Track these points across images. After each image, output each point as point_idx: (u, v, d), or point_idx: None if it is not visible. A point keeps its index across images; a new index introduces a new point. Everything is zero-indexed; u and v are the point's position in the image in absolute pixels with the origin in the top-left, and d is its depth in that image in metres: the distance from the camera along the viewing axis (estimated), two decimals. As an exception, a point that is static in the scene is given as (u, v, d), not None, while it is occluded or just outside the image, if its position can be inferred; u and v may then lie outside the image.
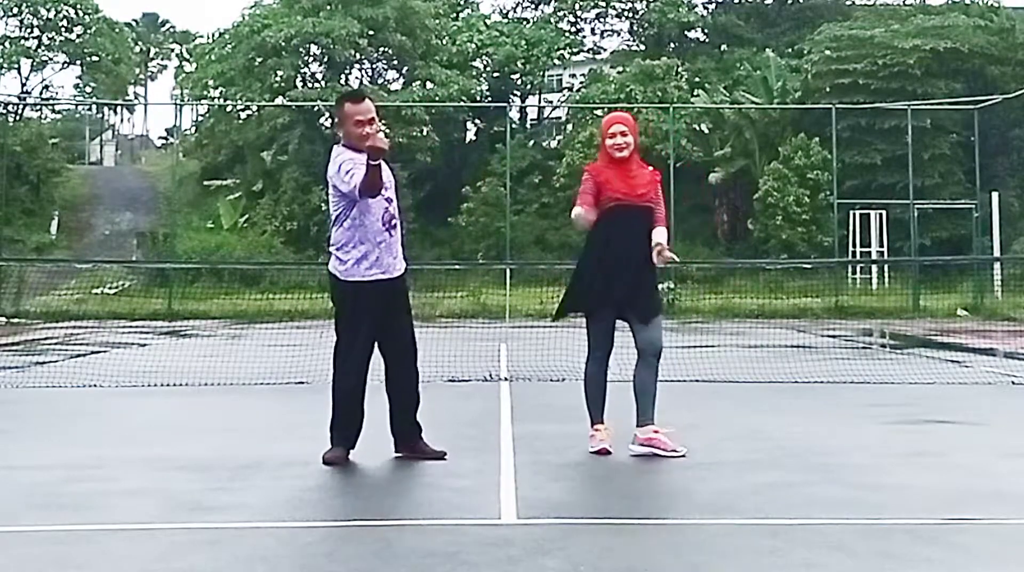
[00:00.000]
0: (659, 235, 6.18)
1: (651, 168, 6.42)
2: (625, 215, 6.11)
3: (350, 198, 5.85)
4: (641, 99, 35.12)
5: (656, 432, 6.13)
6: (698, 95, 36.90)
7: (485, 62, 41.25)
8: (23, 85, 45.35)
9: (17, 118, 39.40)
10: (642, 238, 6.14)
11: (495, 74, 41.53)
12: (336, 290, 6.01)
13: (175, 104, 48.79)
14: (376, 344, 6.01)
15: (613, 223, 6.13)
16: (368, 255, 5.90)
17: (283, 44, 36.48)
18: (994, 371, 11.70)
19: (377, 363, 6.07)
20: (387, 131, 6.04)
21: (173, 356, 12.84)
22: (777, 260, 28.25)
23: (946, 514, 4.68)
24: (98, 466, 5.92)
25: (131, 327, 20.29)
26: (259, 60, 37.36)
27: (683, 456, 6.01)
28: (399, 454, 6.02)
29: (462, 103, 36.27)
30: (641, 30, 45.02)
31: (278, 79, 37.94)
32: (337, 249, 5.97)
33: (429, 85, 37.77)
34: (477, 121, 40.89)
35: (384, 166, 5.94)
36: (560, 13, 45.18)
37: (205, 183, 39.22)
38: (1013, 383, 10.33)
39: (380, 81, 40.34)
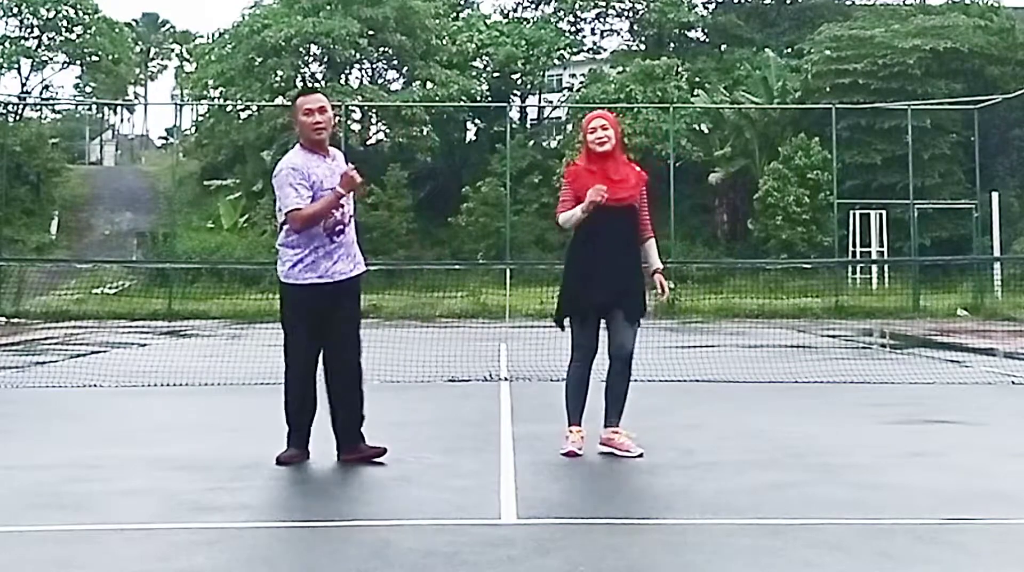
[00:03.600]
0: (652, 255, 6.23)
1: (639, 169, 6.36)
2: (605, 219, 6.03)
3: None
4: (641, 99, 35.11)
5: (616, 433, 6.13)
6: (698, 95, 36.89)
7: (485, 62, 41.23)
8: (23, 85, 45.35)
9: (17, 118, 39.39)
10: (624, 239, 6.11)
11: (495, 74, 41.51)
12: (279, 290, 6.09)
13: (175, 104, 48.86)
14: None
15: (593, 228, 6.06)
16: (304, 259, 5.90)
17: (283, 44, 36.47)
18: (994, 371, 11.70)
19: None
20: (354, 166, 6.02)
21: (173, 356, 12.84)
22: (777, 260, 28.23)
23: (946, 514, 4.68)
24: (98, 466, 5.91)
25: (131, 327, 20.28)
26: (259, 60, 37.35)
27: (639, 456, 5.99)
28: (343, 459, 5.91)
29: (462, 103, 36.26)
30: (641, 30, 45.01)
31: (278, 79, 37.93)
32: (280, 250, 6.01)
33: (429, 85, 37.76)
34: (477, 121, 40.88)
35: (340, 158, 5.99)
36: (560, 13, 45.17)
37: (205, 183, 39.20)
38: (1013, 383, 10.33)
39: (380, 81, 40.35)
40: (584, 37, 46.29)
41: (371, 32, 37.09)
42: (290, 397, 6.00)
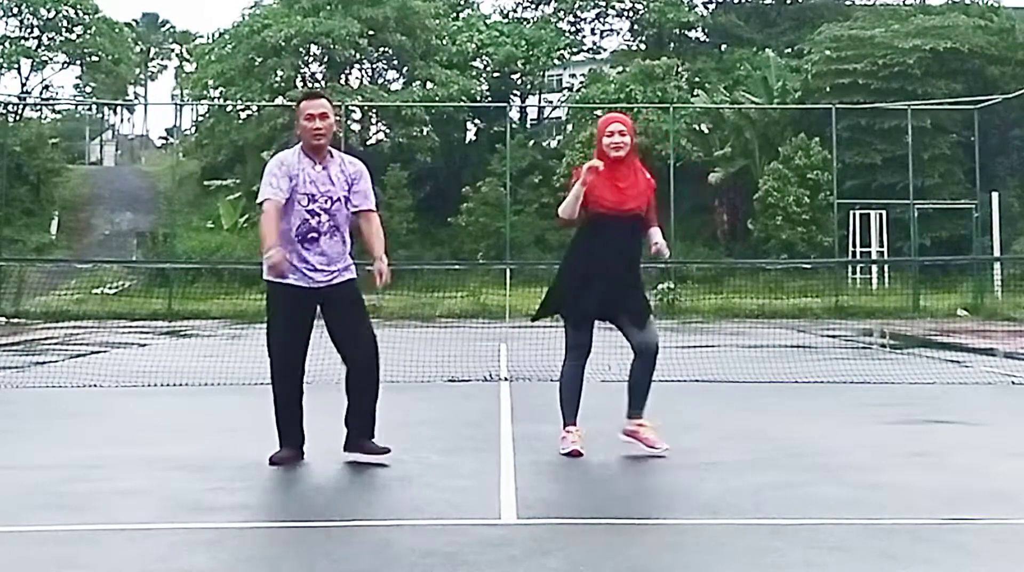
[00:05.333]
0: (655, 234, 6.15)
1: (648, 176, 6.24)
2: (610, 226, 5.97)
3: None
4: (641, 99, 35.11)
5: (641, 425, 6.10)
6: (698, 95, 36.89)
7: (485, 62, 41.24)
8: (23, 85, 45.36)
9: (17, 118, 39.39)
10: (627, 247, 6.05)
11: (495, 74, 41.53)
12: (265, 287, 6.09)
13: (175, 104, 48.92)
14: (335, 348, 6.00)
15: (598, 233, 6.01)
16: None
17: (283, 44, 36.48)
18: (994, 371, 11.70)
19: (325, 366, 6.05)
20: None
21: (173, 356, 12.84)
22: (777, 260, 28.23)
23: (946, 514, 4.68)
24: (98, 466, 5.91)
25: (131, 327, 20.29)
26: (259, 60, 37.36)
27: (663, 455, 5.99)
28: (347, 451, 5.94)
29: (462, 103, 36.26)
30: (641, 30, 45.03)
31: (278, 79, 37.94)
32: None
33: (429, 85, 37.77)
34: (477, 121, 40.88)
35: (336, 167, 5.93)
36: (560, 13, 45.18)
37: (205, 183, 39.20)
38: (1013, 383, 10.34)
39: (380, 81, 40.35)
40: (584, 37, 46.34)
41: (371, 32, 37.09)
42: (274, 397, 6.00)
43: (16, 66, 44.19)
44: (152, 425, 7.72)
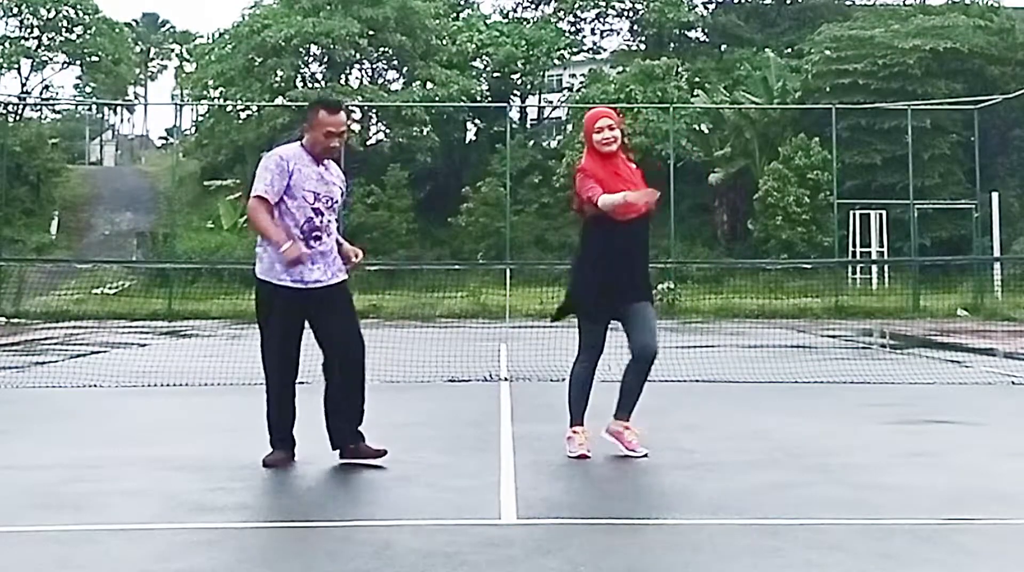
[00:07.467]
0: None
1: (634, 166, 6.20)
2: (621, 226, 5.91)
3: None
4: (641, 99, 35.11)
5: (626, 428, 6.07)
6: (698, 95, 36.89)
7: (485, 62, 41.25)
8: (23, 85, 45.39)
9: (17, 118, 39.42)
10: (639, 244, 6.03)
11: (495, 74, 41.53)
12: (255, 288, 5.97)
13: (175, 104, 48.87)
14: (318, 346, 5.96)
15: (610, 232, 5.95)
16: (282, 260, 5.73)
17: (283, 44, 36.49)
18: (994, 371, 11.70)
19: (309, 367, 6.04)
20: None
21: (173, 356, 12.84)
22: (777, 260, 28.22)
23: (946, 514, 4.68)
24: (98, 466, 5.91)
25: (131, 327, 20.28)
26: (259, 60, 37.38)
27: (644, 456, 5.96)
28: (344, 459, 5.88)
29: (462, 103, 36.27)
30: (641, 30, 45.04)
31: (278, 79, 37.96)
32: (259, 245, 5.91)
33: (429, 85, 37.77)
34: (477, 121, 40.89)
35: (334, 169, 5.94)
36: (560, 13, 45.19)
37: (205, 183, 39.22)
38: (1013, 383, 10.33)
39: (380, 81, 40.36)
40: (584, 37, 46.36)
41: (371, 32, 37.11)
42: (268, 397, 5.96)
43: (16, 66, 44.22)
44: (152, 425, 7.72)
